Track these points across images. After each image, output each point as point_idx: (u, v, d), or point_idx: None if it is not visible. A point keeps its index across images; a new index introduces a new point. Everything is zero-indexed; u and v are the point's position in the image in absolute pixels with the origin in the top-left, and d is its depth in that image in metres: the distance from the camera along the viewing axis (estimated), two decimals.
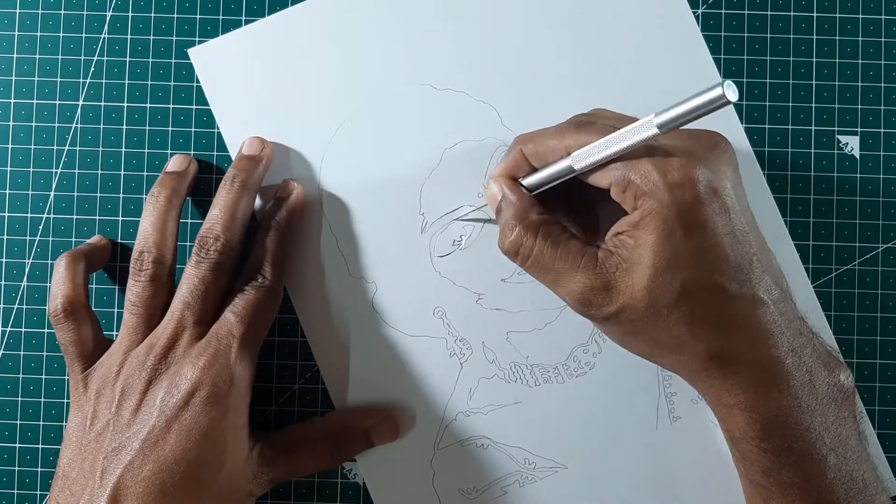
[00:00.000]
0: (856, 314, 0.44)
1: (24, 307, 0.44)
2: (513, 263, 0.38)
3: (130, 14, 0.45)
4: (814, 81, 0.45)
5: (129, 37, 0.45)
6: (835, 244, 0.44)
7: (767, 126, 0.44)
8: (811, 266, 0.44)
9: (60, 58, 0.45)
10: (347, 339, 0.44)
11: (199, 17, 0.45)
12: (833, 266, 0.44)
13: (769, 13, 0.45)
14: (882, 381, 0.44)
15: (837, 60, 0.45)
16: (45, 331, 0.44)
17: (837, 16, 0.45)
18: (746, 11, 0.45)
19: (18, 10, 0.45)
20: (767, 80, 0.45)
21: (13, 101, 0.44)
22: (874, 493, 0.36)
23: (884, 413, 0.44)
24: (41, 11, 0.45)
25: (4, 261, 0.44)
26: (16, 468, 0.44)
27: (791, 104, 0.45)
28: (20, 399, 0.44)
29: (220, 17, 0.45)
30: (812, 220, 0.44)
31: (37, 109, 0.44)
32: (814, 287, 0.44)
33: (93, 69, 0.45)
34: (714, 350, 0.35)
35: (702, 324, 0.35)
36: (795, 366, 0.35)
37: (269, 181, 0.44)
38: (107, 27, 0.45)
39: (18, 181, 0.44)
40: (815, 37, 0.45)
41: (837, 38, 0.45)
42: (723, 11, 0.45)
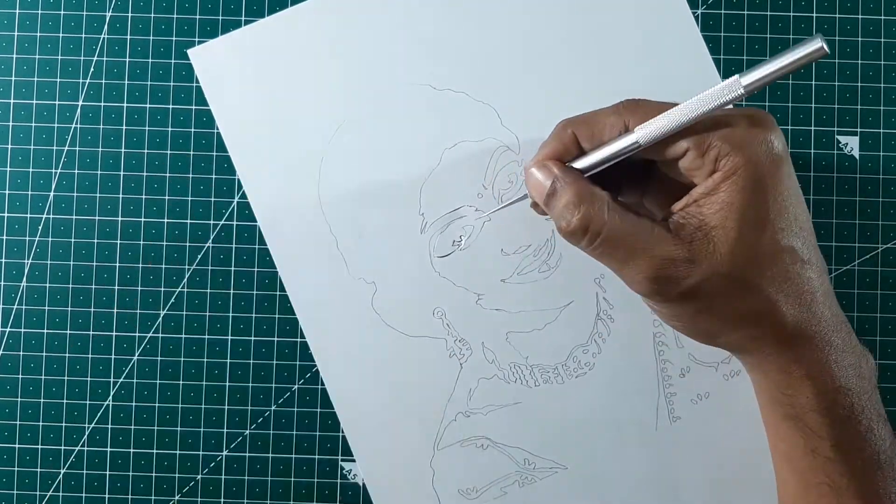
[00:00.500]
0: (856, 314, 0.44)
1: (24, 307, 0.44)
2: (513, 263, 0.38)
3: (130, 14, 0.45)
4: (814, 81, 0.45)
5: (129, 37, 0.45)
6: (835, 244, 0.44)
7: None
8: None
9: (60, 58, 0.45)
10: (347, 340, 0.44)
11: (199, 18, 0.45)
12: (833, 266, 0.44)
13: (769, 13, 0.45)
14: (882, 382, 0.44)
15: (837, 60, 0.45)
16: (45, 331, 0.44)
17: (837, 16, 0.45)
18: (746, 11, 0.45)
19: (18, 11, 0.45)
20: None
21: (13, 102, 0.44)
22: None
23: None
24: (41, 12, 0.45)
25: (4, 261, 0.44)
26: (15, 468, 0.44)
27: (791, 104, 0.45)
28: (20, 399, 0.44)
29: (220, 18, 0.45)
30: (812, 221, 0.44)
31: (36, 110, 0.44)
32: None
33: (92, 69, 0.45)
34: (798, 320, 0.34)
35: (785, 291, 0.34)
36: (851, 333, 0.36)
37: (270, 180, 0.44)
38: (106, 27, 0.45)
39: (18, 181, 0.44)
40: None
41: (837, 39, 0.45)
42: (723, 11, 0.45)
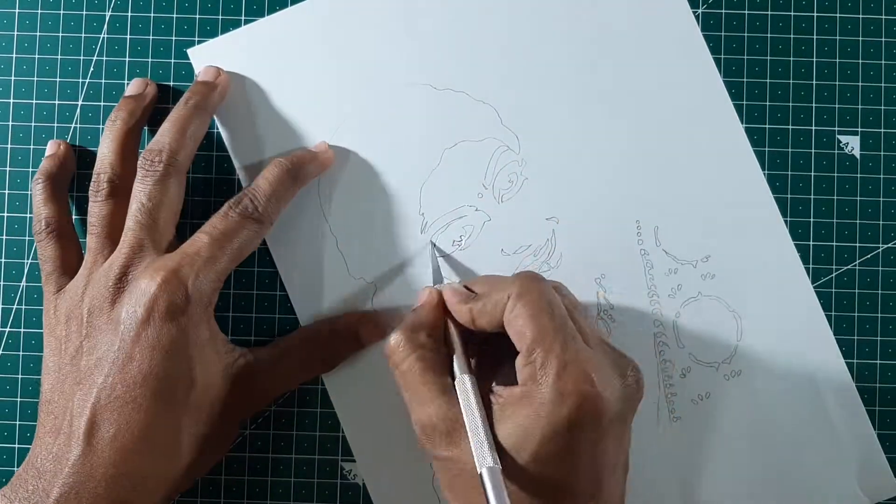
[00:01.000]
0: (856, 314, 0.44)
1: (24, 307, 0.44)
2: (513, 263, 0.38)
3: (130, 14, 0.45)
4: (814, 81, 0.45)
5: (129, 37, 0.45)
6: (835, 244, 0.44)
7: (767, 126, 0.44)
8: (811, 266, 0.44)
9: (60, 58, 0.45)
10: None
11: (199, 17, 0.45)
12: (833, 266, 0.44)
13: (769, 13, 0.45)
14: (882, 382, 0.44)
15: (837, 60, 0.45)
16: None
17: (837, 16, 0.45)
18: (746, 11, 0.45)
19: (18, 10, 0.45)
20: (767, 80, 0.45)
21: (13, 101, 0.44)
22: None
23: (884, 413, 0.44)
24: (41, 11, 0.45)
25: (4, 261, 0.44)
26: (15, 468, 0.44)
27: (791, 104, 0.45)
28: (20, 399, 0.44)
29: (220, 17, 0.45)
30: (812, 220, 0.44)
31: (36, 109, 0.44)
32: (814, 287, 0.44)
33: (92, 69, 0.45)
34: None
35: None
36: None
37: None
38: (106, 27, 0.45)
39: (18, 181, 0.44)
40: (815, 37, 0.45)
41: (837, 38, 0.45)
42: (723, 11, 0.45)
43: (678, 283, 0.44)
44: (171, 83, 0.44)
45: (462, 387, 0.36)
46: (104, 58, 0.45)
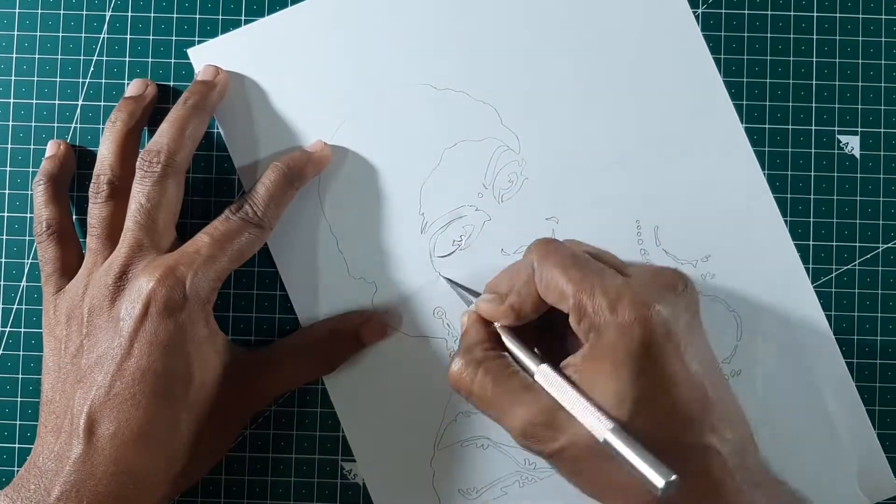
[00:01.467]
0: (856, 314, 0.44)
1: (24, 307, 0.44)
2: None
3: (130, 14, 0.45)
4: (814, 81, 0.45)
5: (129, 37, 0.45)
6: (835, 244, 0.44)
7: (767, 126, 0.44)
8: (811, 266, 0.44)
9: (60, 58, 0.45)
10: None
11: (199, 17, 0.45)
12: (833, 266, 0.44)
13: (769, 13, 0.45)
14: (882, 382, 0.44)
15: (837, 60, 0.45)
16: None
17: (837, 15, 0.45)
18: (746, 11, 0.45)
19: (18, 10, 0.45)
20: (767, 80, 0.45)
21: (13, 101, 0.44)
22: None
23: (884, 413, 0.44)
24: (41, 11, 0.45)
25: (4, 261, 0.44)
26: (15, 468, 0.44)
27: (791, 104, 0.45)
28: (20, 399, 0.44)
29: (220, 17, 0.45)
30: (812, 220, 0.44)
31: (36, 109, 0.44)
32: (814, 287, 0.44)
33: (92, 69, 0.45)
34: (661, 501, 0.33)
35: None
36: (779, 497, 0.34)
37: None
38: (106, 27, 0.45)
39: (18, 181, 0.44)
40: (815, 37, 0.45)
41: (837, 38, 0.45)
42: (723, 11, 0.45)
43: None
44: (171, 83, 0.44)
45: (543, 376, 0.35)
46: (104, 58, 0.45)
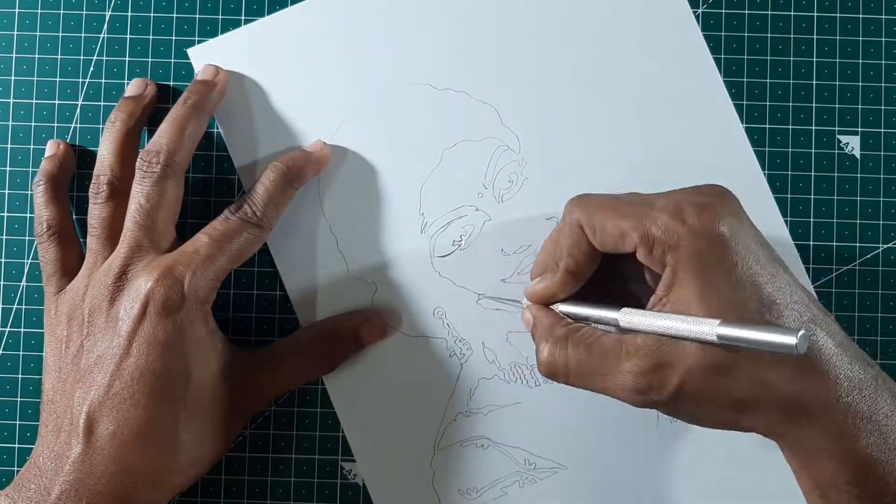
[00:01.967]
0: (856, 314, 0.44)
1: (24, 307, 0.44)
2: (514, 263, 0.38)
3: (130, 14, 0.45)
4: (814, 81, 0.45)
5: (129, 36, 0.45)
6: (835, 244, 0.44)
7: (767, 126, 0.44)
8: (811, 266, 0.44)
9: (60, 57, 0.44)
10: None
11: (199, 17, 0.45)
12: (833, 266, 0.44)
13: (769, 13, 0.45)
14: None
15: (837, 60, 0.45)
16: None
17: (838, 15, 0.45)
18: (746, 11, 0.45)
19: (18, 10, 0.45)
20: (767, 80, 0.45)
21: (13, 101, 0.44)
22: None
23: None
24: (40, 11, 0.45)
25: (4, 261, 0.44)
26: (15, 468, 0.44)
27: (791, 104, 0.45)
28: (20, 399, 0.44)
29: (220, 17, 0.45)
30: (812, 220, 0.44)
31: (36, 109, 0.44)
32: (814, 287, 0.44)
33: (92, 69, 0.45)
34: (793, 393, 0.33)
35: (770, 367, 0.33)
36: (868, 401, 0.33)
37: None
38: (106, 27, 0.45)
39: (18, 181, 0.44)
40: (816, 37, 0.45)
41: (837, 38, 0.45)
42: (723, 11, 0.45)
43: None
44: (171, 83, 0.44)
45: (628, 315, 0.35)
46: (104, 58, 0.45)
